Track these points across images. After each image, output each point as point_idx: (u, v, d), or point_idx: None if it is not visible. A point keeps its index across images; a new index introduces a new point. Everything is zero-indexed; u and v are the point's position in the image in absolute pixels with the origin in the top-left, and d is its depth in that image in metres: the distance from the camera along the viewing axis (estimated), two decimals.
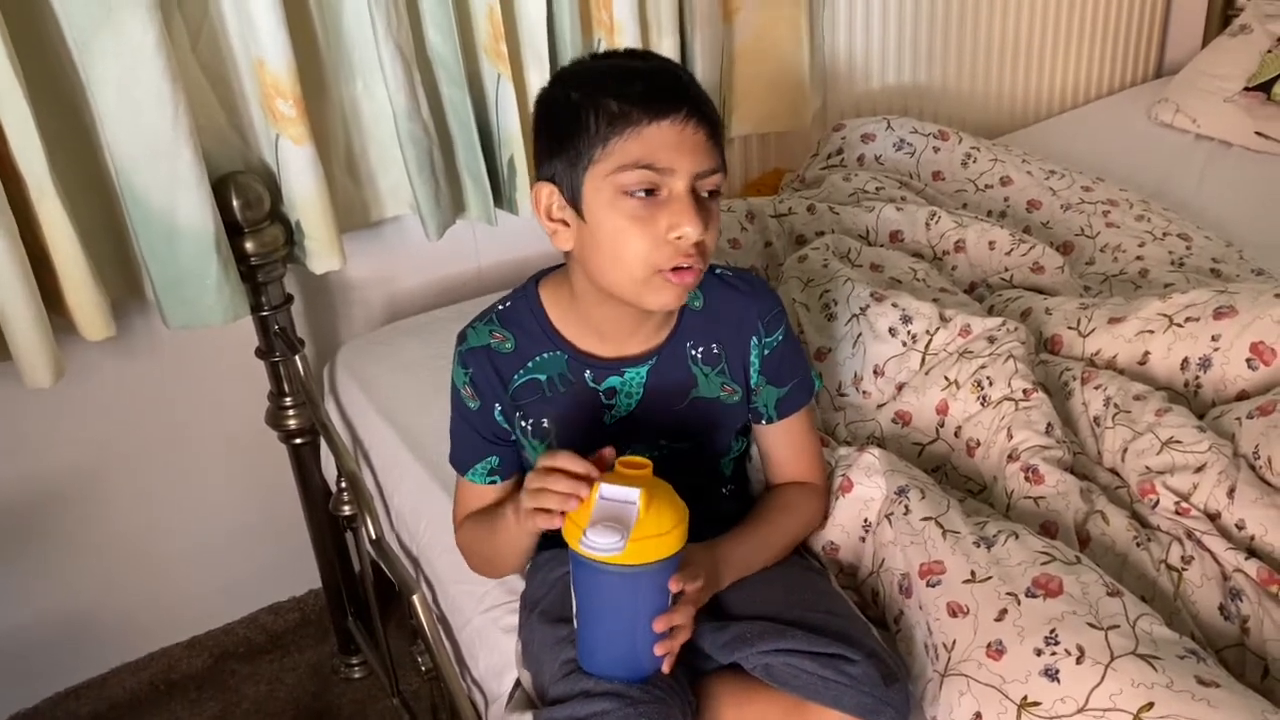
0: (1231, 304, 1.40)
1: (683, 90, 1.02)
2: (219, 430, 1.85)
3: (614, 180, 1.01)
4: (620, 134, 1.00)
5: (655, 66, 1.07)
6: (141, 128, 1.42)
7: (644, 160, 1.00)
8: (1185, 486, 1.21)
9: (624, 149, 1.00)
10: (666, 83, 1.03)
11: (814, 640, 1.01)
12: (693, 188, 1.02)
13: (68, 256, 1.46)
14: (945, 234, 1.78)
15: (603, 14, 1.79)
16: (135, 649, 1.92)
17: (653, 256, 1.02)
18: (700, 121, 1.01)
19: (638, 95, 1.00)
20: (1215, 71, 2.45)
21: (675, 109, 1.00)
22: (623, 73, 1.04)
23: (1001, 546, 1.09)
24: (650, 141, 1.00)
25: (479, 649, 1.35)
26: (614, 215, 1.02)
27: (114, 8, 1.36)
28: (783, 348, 1.18)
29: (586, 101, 1.02)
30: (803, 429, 1.22)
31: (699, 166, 1.01)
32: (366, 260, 1.88)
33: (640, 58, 1.10)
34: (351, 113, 1.69)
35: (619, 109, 1.00)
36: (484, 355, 1.15)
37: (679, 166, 1.00)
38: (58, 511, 1.77)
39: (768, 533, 1.17)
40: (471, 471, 1.20)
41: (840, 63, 2.30)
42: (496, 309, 1.18)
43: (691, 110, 1.00)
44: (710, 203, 1.04)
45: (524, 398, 1.15)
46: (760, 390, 1.19)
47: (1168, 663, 0.95)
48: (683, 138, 1.00)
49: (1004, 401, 1.35)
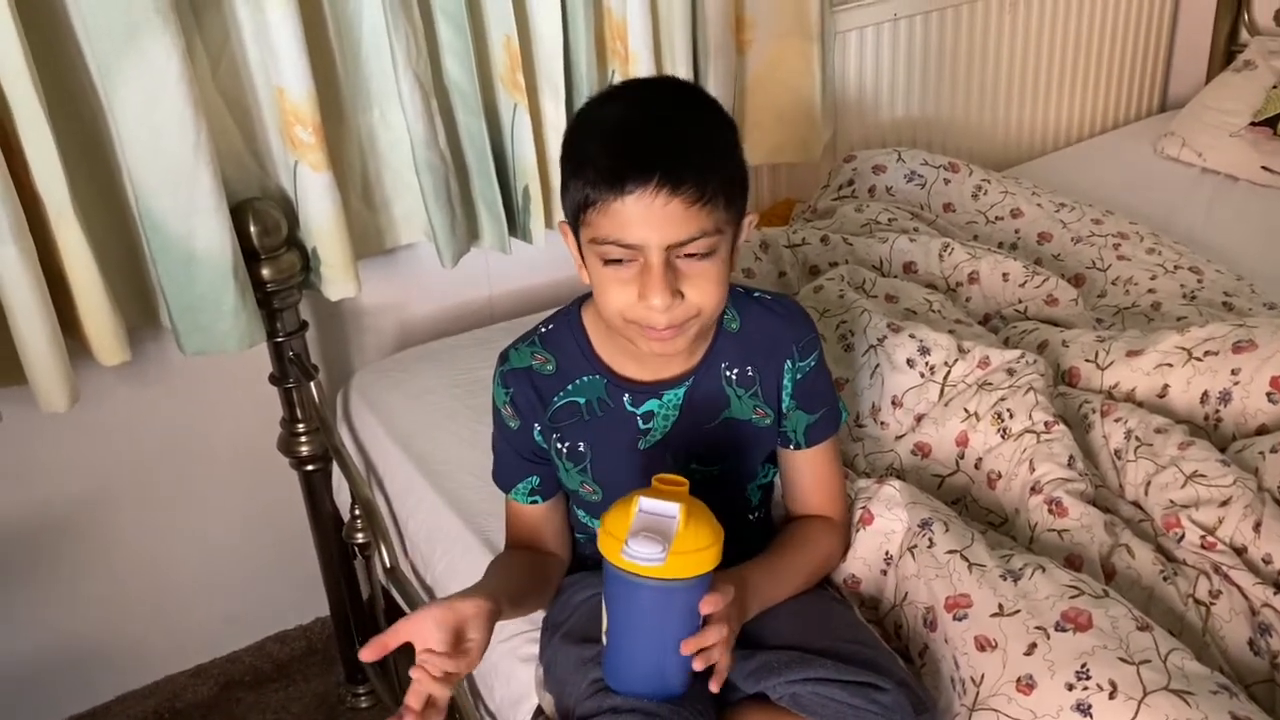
0: (1251, 338, 1.40)
1: (658, 158, 0.97)
2: (230, 457, 1.85)
3: (592, 246, 1.02)
4: (593, 207, 1.00)
5: (648, 123, 1.02)
6: (162, 153, 1.43)
7: (613, 236, 1.00)
8: (1210, 520, 1.21)
9: (596, 222, 1.00)
10: (643, 151, 0.98)
11: (843, 669, 1.00)
12: (669, 257, 1.00)
13: (85, 280, 1.46)
14: (959, 265, 1.78)
15: (618, 45, 1.81)
16: (141, 677, 1.90)
17: (629, 314, 1.04)
18: (675, 190, 0.97)
19: (607, 169, 0.98)
20: (1221, 106, 2.47)
21: (643, 182, 0.96)
22: (611, 133, 1.01)
23: (1029, 580, 1.09)
24: (618, 217, 0.98)
25: (494, 679, 1.34)
26: (598, 270, 1.04)
27: (137, 34, 1.36)
28: (815, 374, 1.19)
29: (574, 165, 1.03)
30: (827, 459, 1.22)
31: (671, 238, 0.99)
32: (380, 287, 1.88)
33: (647, 102, 1.06)
34: (368, 140, 1.69)
35: (591, 183, 0.99)
36: (525, 376, 1.16)
37: (648, 241, 0.99)
38: (67, 536, 1.75)
39: (789, 563, 1.17)
40: (514, 491, 1.21)
41: (851, 95, 2.31)
42: (539, 331, 1.18)
43: (664, 180, 0.96)
44: (696, 264, 1.01)
45: (562, 420, 1.16)
46: (790, 415, 1.19)
47: (1201, 698, 0.94)
48: (651, 212, 0.97)
49: (1025, 434, 1.35)
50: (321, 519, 1.80)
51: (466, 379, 1.71)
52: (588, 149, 1.02)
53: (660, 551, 0.93)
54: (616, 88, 1.12)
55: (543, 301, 2.02)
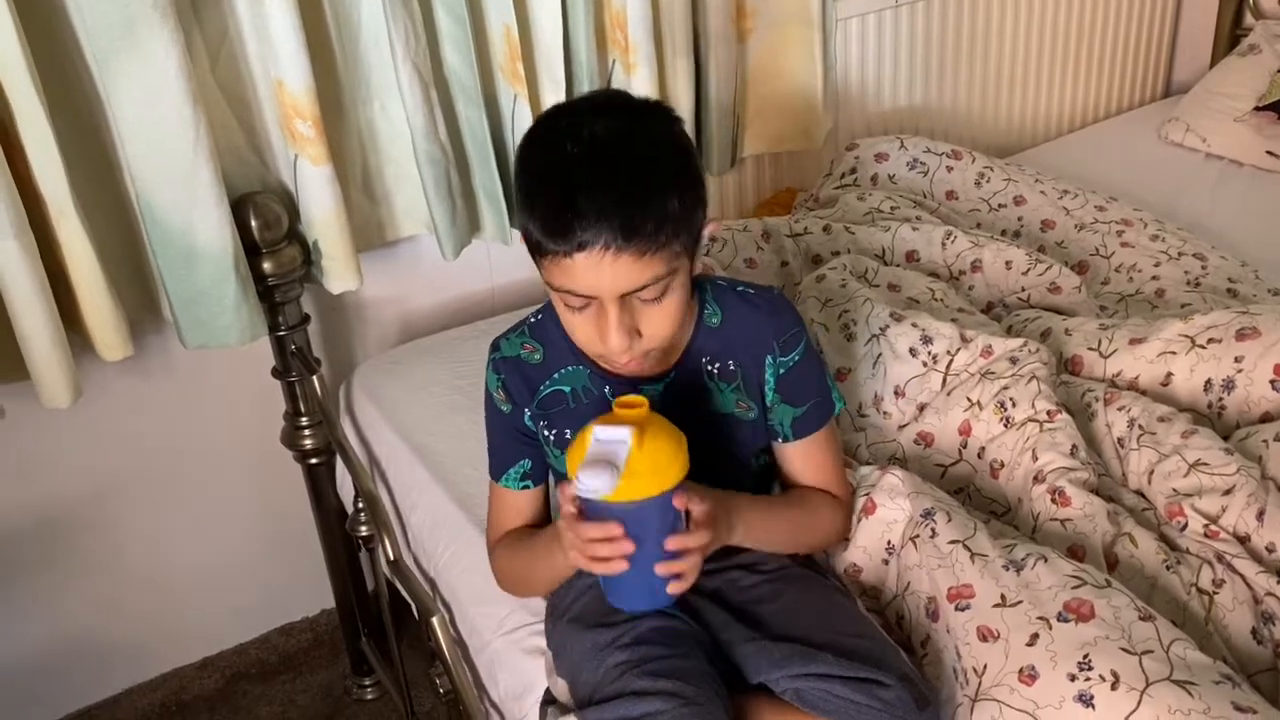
0: (1254, 325, 1.40)
1: (605, 217, 0.96)
2: (234, 450, 1.85)
3: (549, 285, 1.05)
4: (546, 258, 1.01)
5: (590, 170, 0.99)
6: (161, 148, 1.42)
7: (566, 286, 1.01)
8: (1214, 509, 1.21)
9: (549, 271, 1.02)
10: (589, 210, 0.96)
11: (845, 664, 1.01)
12: (624, 301, 1.01)
13: (87, 276, 1.46)
14: (961, 254, 1.78)
15: (618, 35, 1.80)
16: (147, 670, 1.91)
17: (593, 346, 1.07)
18: (625, 247, 0.97)
19: (555, 227, 0.98)
20: (1225, 91, 2.45)
21: (592, 238, 0.96)
22: (556, 183, 0.99)
23: (1031, 570, 1.09)
24: (570, 271, 0.99)
25: (499, 671, 1.34)
26: (559, 305, 1.07)
27: (135, 29, 1.36)
28: (800, 368, 1.18)
29: (524, 199, 1.02)
30: (822, 449, 1.22)
31: (624, 288, 1.00)
32: (382, 280, 1.88)
33: (588, 139, 1.00)
34: (369, 133, 1.69)
35: (541, 233, 0.99)
36: (514, 364, 1.19)
37: (601, 292, 1.00)
38: (73, 531, 1.76)
39: (784, 511, 1.19)
40: (505, 477, 1.23)
41: (852, 83, 2.30)
42: (528, 321, 1.21)
43: (612, 236, 0.96)
44: (653, 306, 1.03)
45: (550, 407, 1.18)
46: (775, 408, 1.19)
47: (1204, 688, 0.94)
48: (601, 267, 0.98)
49: (1028, 423, 1.34)
50: (326, 512, 1.80)
51: (469, 371, 1.71)
52: (535, 191, 1.01)
53: (610, 480, 0.96)
54: (563, 107, 1.09)
55: (543, 293, 2.00)
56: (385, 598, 1.66)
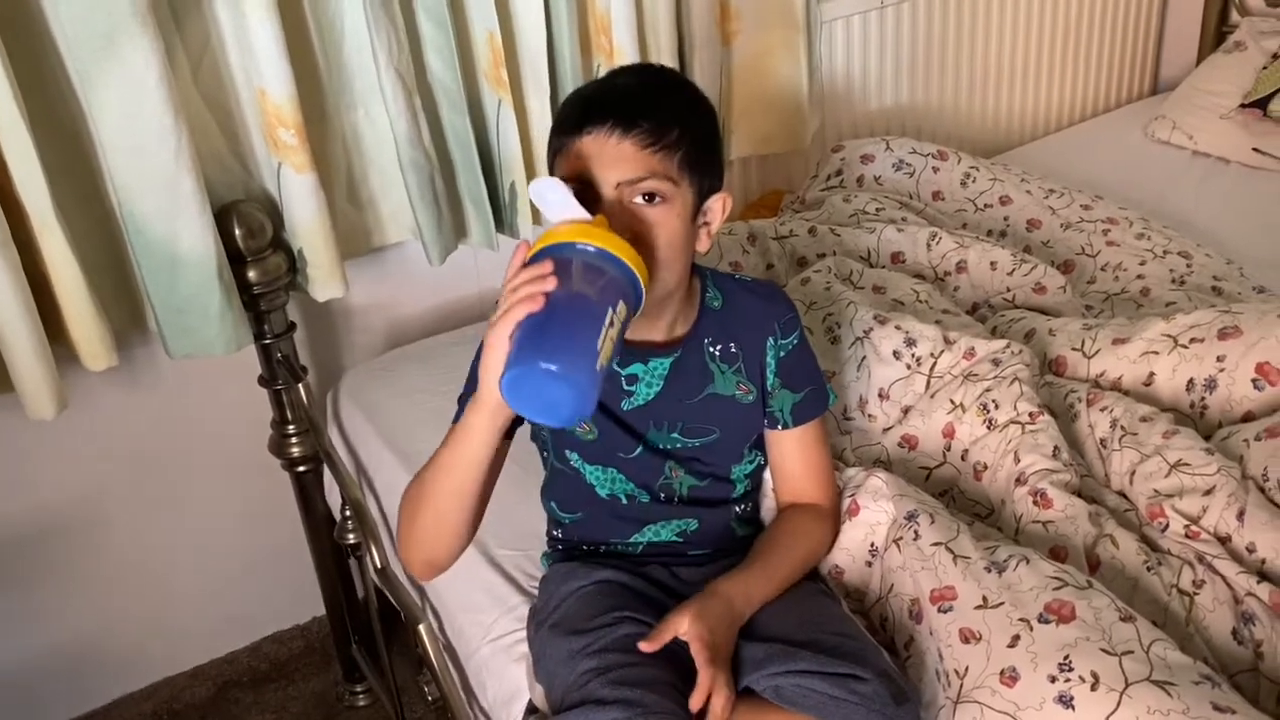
0: (1236, 324, 1.40)
1: (616, 101, 1.06)
2: (221, 459, 1.85)
3: None
4: (559, 153, 1.09)
5: (617, 80, 1.14)
6: (143, 157, 1.42)
7: (573, 173, 1.06)
8: (1194, 509, 1.21)
9: (561, 162, 1.08)
10: (604, 96, 1.09)
11: (823, 660, 1.01)
12: (622, 195, 1.05)
13: (70, 287, 1.46)
14: (947, 255, 1.78)
15: (602, 39, 1.80)
16: (138, 679, 1.91)
17: None
18: (628, 131, 1.04)
19: (569, 115, 1.08)
20: (1211, 88, 2.46)
21: (599, 123, 1.04)
22: (584, 90, 1.14)
23: (1013, 572, 1.09)
24: (577, 158, 1.06)
25: (487, 677, 1.34)
26: None
27: (115, 38, 1.36)
28: (798, 352, 1.21)
29: (553, 126, 1.12)
30: (815, 441, 1.23)
31: (622, 175, 1.04)
32: (369, 287, 1.88)
33: (624, 71, 1.19)
34: (353, 140, 1.69)
35: (557, 131, 1.09)
36: None
37: (601, 177, 1.05)
38: (60, 542, 1.76)
39: (780, 560, 1.17)
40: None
41: (838, 84, 2.31)
42: None
43: (617, 122, 1.04)
44: (650, 210, 1.06)
45: None
46: (776, 393, 1.20)
47: (1183, 689, 0.94)
48: (604, 149, 1.04)
49: (1010, 425, 1.35)
50: (314, 520, 1.80)
51: (456, 377, 1.68)
52: (564, 110, 1.12)
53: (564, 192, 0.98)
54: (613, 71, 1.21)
55: None
56: (374, 605, 1.66)
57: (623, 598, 1.15)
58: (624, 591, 1.17)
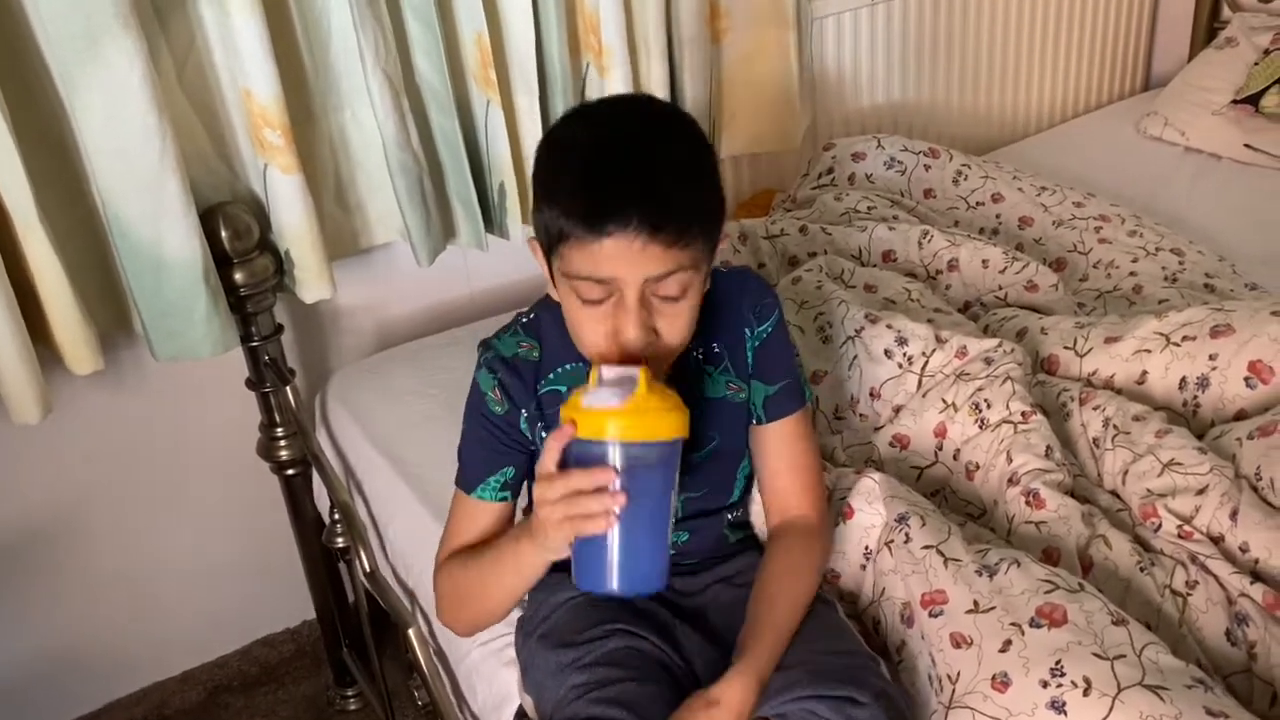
0: (1228, 322, 1.39)
1: (637, 201, 0.96)
2: (209, 462, 1.84)
3: (565, 278, 1.02)
4: (568, 244, 0.99)
5: (624, 157, 0.99)
6: (128, 160, 1.41)
7: (588, 272, 0.99)
8: (1187, 509, 1.20)
9: (571, 257, 0.99)
10: (621, 193, 0.96)
11: (821, 685, 0.99)
12: (644, 293, 1.00)
13: (54, 290, 1.45)
14: (938, 253, 1.77)
15: (591, 38, 1.79)
16: (128, 684, 1.90)
17: (601, 347, 1.03)
18: (654, 229, 0.96)
19: (584, 210, 0.97)
20: (1203, 84, 2.45)
21: (622, 224, 0.95)
22: (586, 167, 0.99)
23: (1004, 575, 1.08)
24: (595, 256, 0.97)
25: (477, 682, 1.34)
26: (570, 301, 1.03)
27: (99, 40, 1.34)
28: (773, 340, 1.16)
29: (547, 193, 1.01)
30: (796, 437, 1.17)
31: (648, 273, 0.98)
32: (357, 288, 1.87)
33: (620, 129, 1.02)
34: (340, 141, 1.68)
35: (566, 218, 0.98)
36: (512, 364, 1.14)
37: (625, 277, 0.98)
38: (47, 547, 1.75)
39: (783, 619, 1.09)
40: (483, 486, 1.15)
41: (829, 82, 2.30)
42: (520, 320, 1.17)
43: (643, 221, 0.95)
44: (670, 305, 1.01)
45: (548, 407, 1.13)
46: (749, 385, 1.16)
47: (1175, 693, 0.94)
48: (630, 251, 0.96)
49: (1002, 424, 1.34)
50: (304, 523, 1.79)
51: (446, 379, 1.70)
52: (561, 179, 1.00)
53: (621, 396, 0.92)
54: (589, 106, 1.09)
55: (523, 297, 2.01)
56: (364, 609, 1.65)
57: (613, 610, 1.13)
58: (615, 603, 1.13)
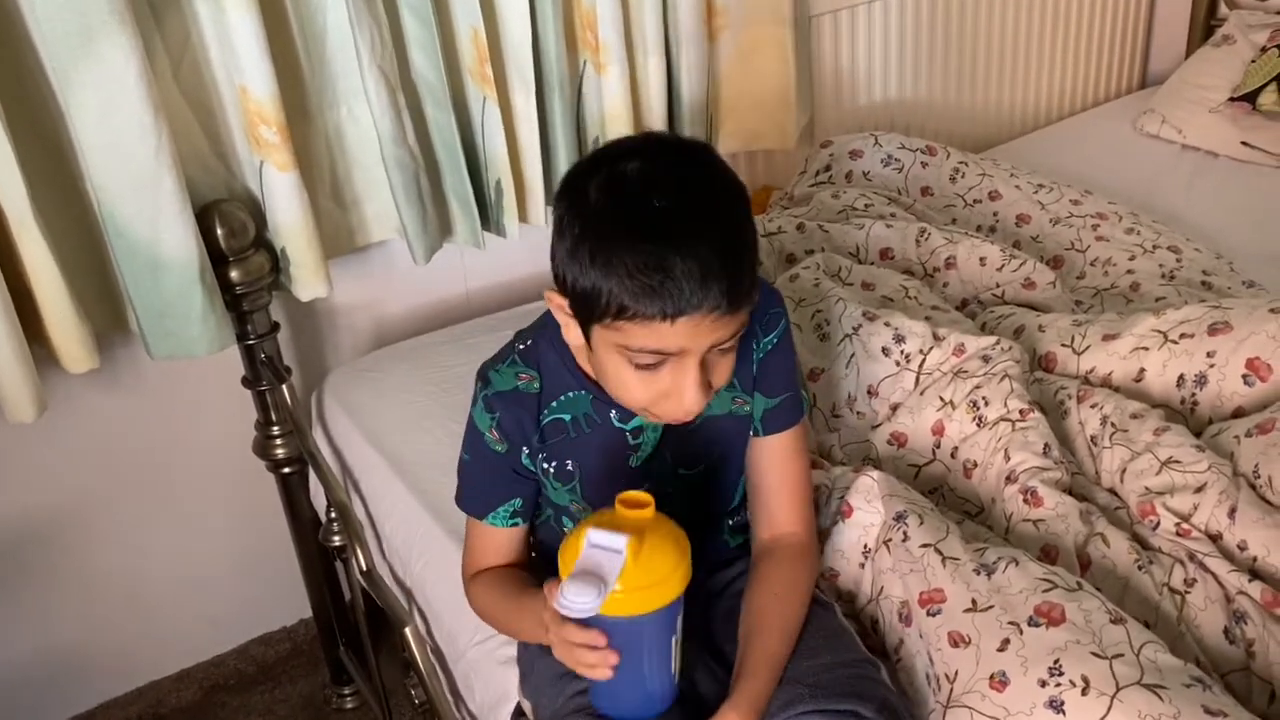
0: (1226, 320, 1.39)
1: (715, 279, 0.91)
2: (205, 461, 1.83)
3: (620, 347, 0.97)
4: (630, 320, 0.93)
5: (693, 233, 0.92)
6: (123, 158, 1.40)
7: (653, 347, 0.95)
8: (1185, 507, 1.20)
9: (632, 332, 0.94)
10: (701, 274, 0.91)
11: (824, 699, 0.99)
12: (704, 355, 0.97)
13: (49, 288, 1.44)
14: (936, 250, 1.77)
15: (588, 35, 1.78)
16: (123, 683, 1.89)
17: (648, 406, 1.01)
18: (725, 310, 0.93)
19: (657, 295, 0.91)
20: (1200, 82, 2.45)
21: (695, 308, 0.92)
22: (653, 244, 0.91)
23: (1002, 574, 1.08)
24: (663, 334, 0.93)
25: (475, 681, 1.33)
26: (617, 364, 0.99)
27: (94, 37, 1.34)
28: (777, 352, 1.14)
29: (599, 266, 0.93)
30: (791, 452, 1.16)
31: (714, 342, 0.96)
32: (353, 286, 1.86)
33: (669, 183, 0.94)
34: (336, 138, 1.67)
35: (631, 300, 0.92)
36: (512, 399, 1.10)
37: (692, 348, 0.95)
38: (42, 546, 1.74)
39: (776, 647, 1.07)
40: (493, 515, 1.15)
41: (826, 79, 2.29)
42: (516, 349, 1.13)
43: (714, 304, 0.92)
44: (723, 356, 1.00)
45: (550, 437, 1.11)
46: (750, 396, 1.14)
47: (1174, 692, 0.94)
48: (702, 326, 0.93)
49: (1000, 422, 1.34)
50: (300, 521, 1.78)
51: (443, 377, 1.70)
52: (619, 249, 0.92)
53: (595, 599, 0.89)
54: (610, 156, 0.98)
55: (520, 295, 2.01)
56: (361, 608, 1.65)
57: None
58: None
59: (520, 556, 1.20)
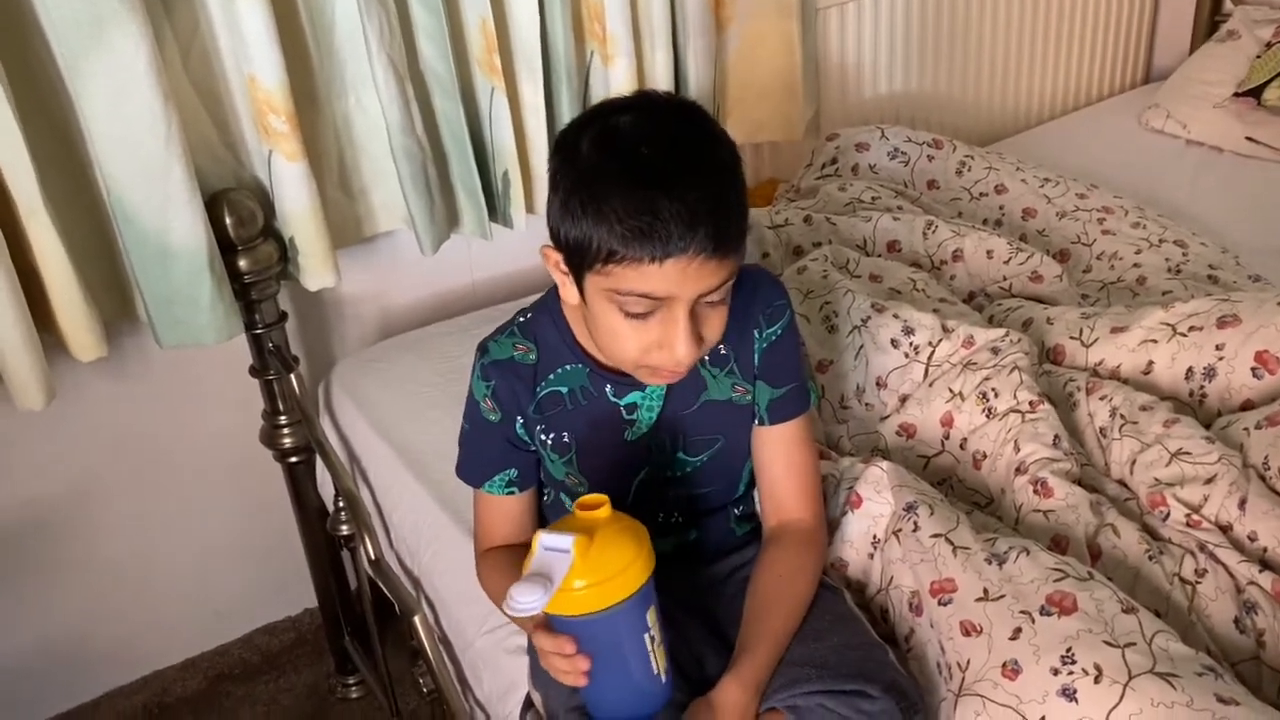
0: (1235, 313, 1.39)
1: (700, 227, 0.93)
2: (212, 450, 1.83)
3: (611, 293, 0.98)
4: (619, 263, 0.95)
5: (678, 177, 0.94)
6: (133, 146, 1.40)
7: (641, 291, 0.96)
8: (1196, 498, 1.20)
9: (621, 275, 0.96)
10: (686, 213, 0.93)
11: (831, 679, 0.99)
12: (693, 306, 0.99)
13: (58, 276, 1.44)
14: (943, 243, 1.77)
15: (595, 26, 1.78)
16: (129, 672, 1.90)
17: (640, 358, 1.02)
18: (710, 252, 0.94)
19: (644, 235, 0.93)
20: (1204, 77, 2.45)
21: (681, 250, 0.93)
22: (638, 187, 0.94)
23: (1013, 563, 1.08)
24: (651, 277, 0.95)
25: (483, 670, 1.34)
26: (609, 313, 1.00)
27: (104, 26, 1.34)
28: (782, 343, 1.14)
29: (590, 214, 0.95)
30: (798, 441, 1.16)
31: (702, 290, 0.97)
32: (360, 276, 1.87)
33: (658, 134, 0.97)
34: (344, 127, 1.67)
35: (620, 243, 0.94)
36: (508, 367, 1.13)
37: (682, 295, 0.97)
38: (49, 534, 1.74)
39: (780, 625, 1.08)
40: (489, 483, 1.18)
41: (832, 72, 2.29)
42: (518, 320, 1.16)
43: (705, 243, 0.94)
44: (714, 309, 1.01)
45: (547, 409, 1.13)
46: (755, 387, 1.15)
47: (1186, 680, 0.94)
48: (689, 270, 0.95)
49: (1010, 413, 1.34)
50: (307, 511, 1.79)
51: (449, 367, 1.70)
52: (609, 196, 0.94)
53: (540, 597, 0.89)
54: (608, 113, 1.00)
55: (527, 286, 2.01)
56: (368, 597, 1.65)
57: None
58: None
59: (530, 525, 1.21)
